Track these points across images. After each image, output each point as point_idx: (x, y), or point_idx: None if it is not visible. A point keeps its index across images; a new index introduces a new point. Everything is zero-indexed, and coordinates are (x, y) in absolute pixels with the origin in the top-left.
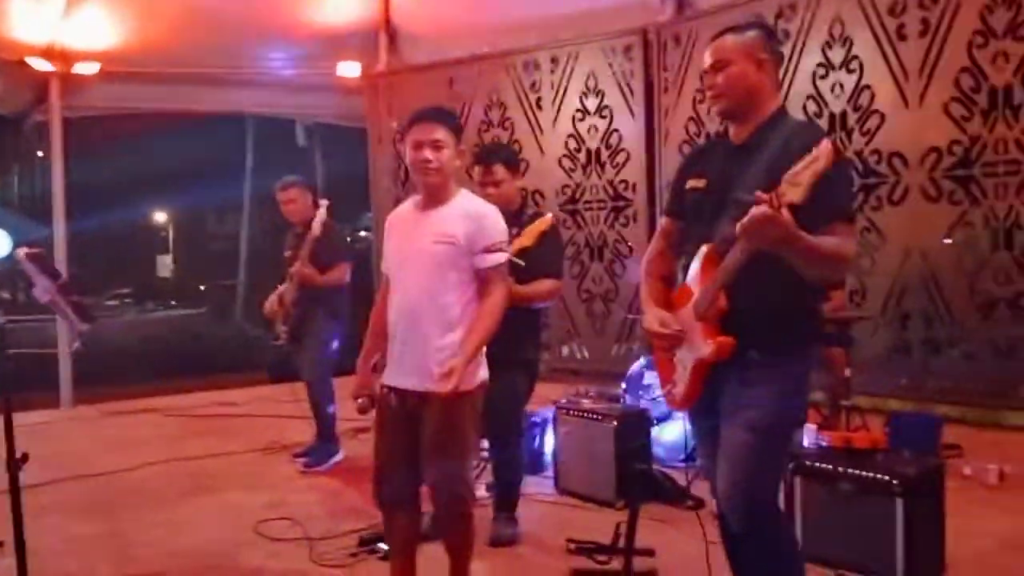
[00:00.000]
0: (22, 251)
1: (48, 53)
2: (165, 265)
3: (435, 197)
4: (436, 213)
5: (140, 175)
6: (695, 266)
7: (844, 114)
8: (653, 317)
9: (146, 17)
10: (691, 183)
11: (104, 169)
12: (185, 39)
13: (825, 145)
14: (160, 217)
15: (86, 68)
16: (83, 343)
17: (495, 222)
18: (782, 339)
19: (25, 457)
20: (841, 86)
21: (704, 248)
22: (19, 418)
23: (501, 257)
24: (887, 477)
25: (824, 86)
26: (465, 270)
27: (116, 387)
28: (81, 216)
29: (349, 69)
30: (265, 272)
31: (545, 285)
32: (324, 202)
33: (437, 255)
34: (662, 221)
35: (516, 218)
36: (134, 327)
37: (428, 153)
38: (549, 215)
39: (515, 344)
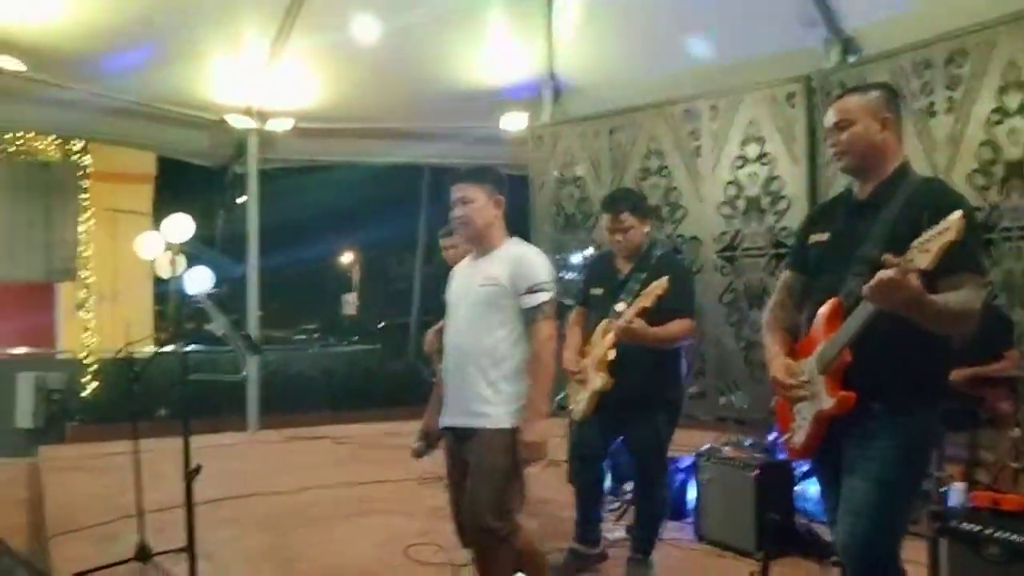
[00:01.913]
0: (203, 292)
1: (247, 112)
2: (350, 303)
3: (482, 246)
4: (485, 260)
5: (330, 219)
6: (819, 319)
7: (1021, 162)
8: (779, 366)
9: (332, 79)
10: (814, 237)
11: (298, 213)
12: (367, 98)
13: (957, 219)
14: (347, 258)
15: (280, 125)
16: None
17: (536, 263)
18: (905, 393)
19: (198, 469)
20: (1017, 132)
21: (829, 302)
22: (211, 439)
23: (542, 297)
24: None
25: (999, 132)
26: (510, 310)
27: (297, 414)
28: (275, 256)
29: (514, 121)
30: (434, 311)
31: (676, 326)
32: None
33: (483, 297)
34: (784, 274)
35: (643, 261)
36: (317, 360)
37: (457, 210)
38: (665, 279)
39: (656, 385)
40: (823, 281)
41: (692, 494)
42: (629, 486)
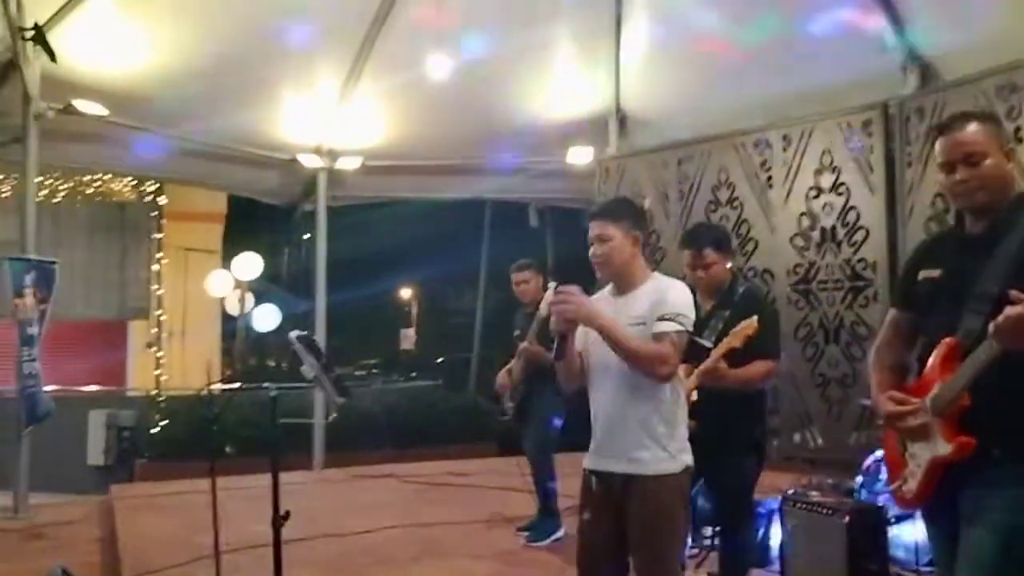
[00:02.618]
0: (294, 334)
1: (318, 151)
2: (408, 338)
3: (622, 284)
4: (629, 297)
5: (390, 254)
6: (935, 360)
7: None
8: (887, 399)
9: (399, 118)
10: (924, 274)
11: (359, 249)
12: (433, 135)
13: None
14: (405, 293)
15: (349, 163)
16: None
17: (674, 295)
18: None
19: (287, 515)
20: None
21: (945, 341)
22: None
23: (668, 326)
24: None
25: None
26: None
27: (360, 452)
28: (339, 292)
29: (581, 155)
30: (496, 347)
31: (759, 367)
32: (552, 284)
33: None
34: (891, 312)
35: (728, 297)
36: (378, 396)
37: (594, 248)
38: (755, 318)
39: (740, 427)
40: (936, 319)
41: (775, 540)
42: (708, 531)
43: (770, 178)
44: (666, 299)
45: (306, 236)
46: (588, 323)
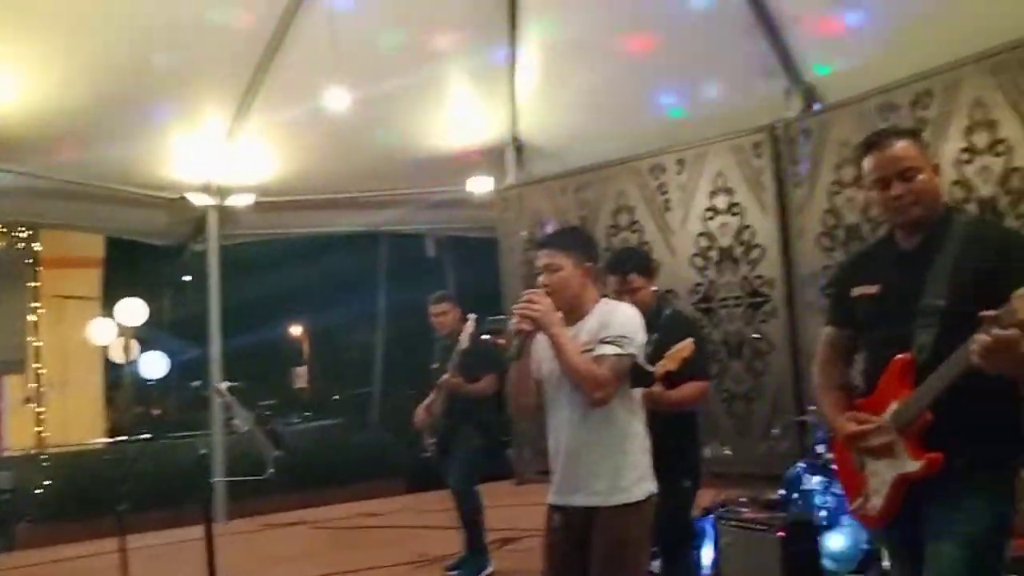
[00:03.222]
0: (224, 385)
1: (207, 188)
2: (300, 376)
3: (572, 314)
4: (578, 327)
5: (282, 292)
6: (890, 376)
7: (994, 198)
8: (846, 419)
9: (292, 152)
10: (859, 290)
11: (250, 288)
12: (328, 167)
13: None
14: (295, 331)
15: (241, 200)
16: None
17: (619, 318)
18: (989, 450)
19: None
20: (989, 170)
21: (900, 357)
22: (175, 534)
23: (610, 349)
24: None
25: (971, 171)
26: None
27: (264, 498)
28: (229, 334)
29: (480, 184)
30: (398, 380)
31: (694, 388)
32: (472, 316)
33: None
34: (827, 331)
35: (654, 320)
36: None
37: (543, 278)
38: (690, 340)
39: (676, 451)
40: (880, 335)
41: (707, 558)
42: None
43: (667, 201)
44: (610, 322)
45: (186, 278)
46: (546, 328)
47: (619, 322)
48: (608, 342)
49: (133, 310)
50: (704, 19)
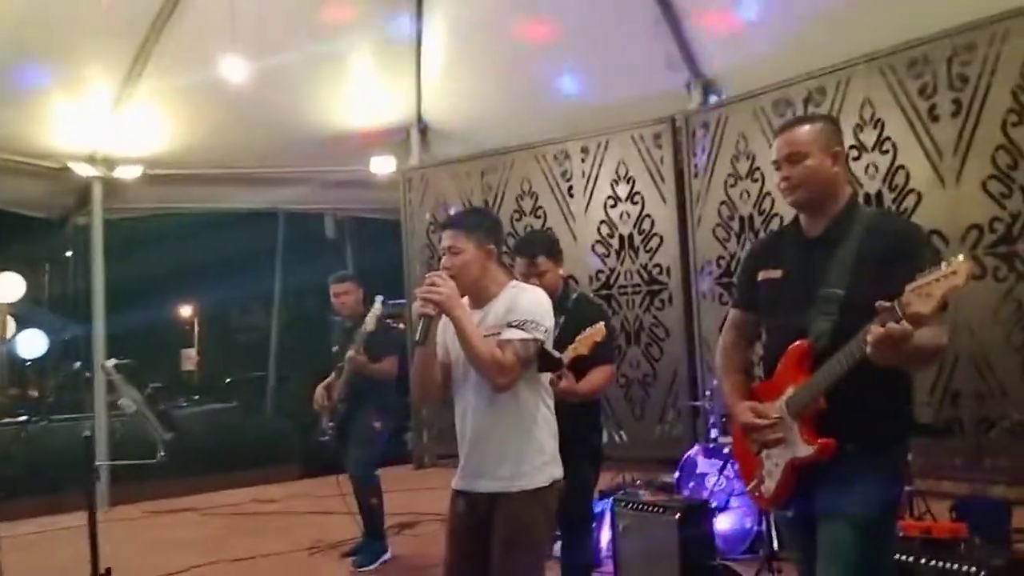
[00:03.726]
0: (111, 362)
1: (91, 159)
2: (190, 358)
3: (477, 298)
4: (484, 311)
5: (172, 270)
6: (788, 362)
7: (880, 194)
8: (744, 409)
9: (186, 121)
10: (764, 274)
11: (137, 265)
12: (224, 141)
13: (963, 265)
14: (185, 311)
15: (128, 172)
16: (166, 452)
17: (528, 301)
18: (879, 434)
19: (108, 572)
20: (876, 167)
21: (798, 343)
22: (53, 521)
23: (515, 334)
24: (975, 569)
25: (858, 168)
26: None
27: (152, 484)
28: (114, 312)
29: (383, 164)
30: (293, 364)
31: (601, 374)
32: (379, 298)
33: None
34: (733, 313)
35: (562, 304)
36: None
37: (445, 260)
38: (601, 324)
39: (578, 434)
40: (781, 320)
41: (604, 540)
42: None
43: (571, 188)
44: (517, 305)
45: (68, 253)
46: (450, 311)
47: (526, 306)
48: (514, 326)
49: (9, 285)
50: (610, 10)
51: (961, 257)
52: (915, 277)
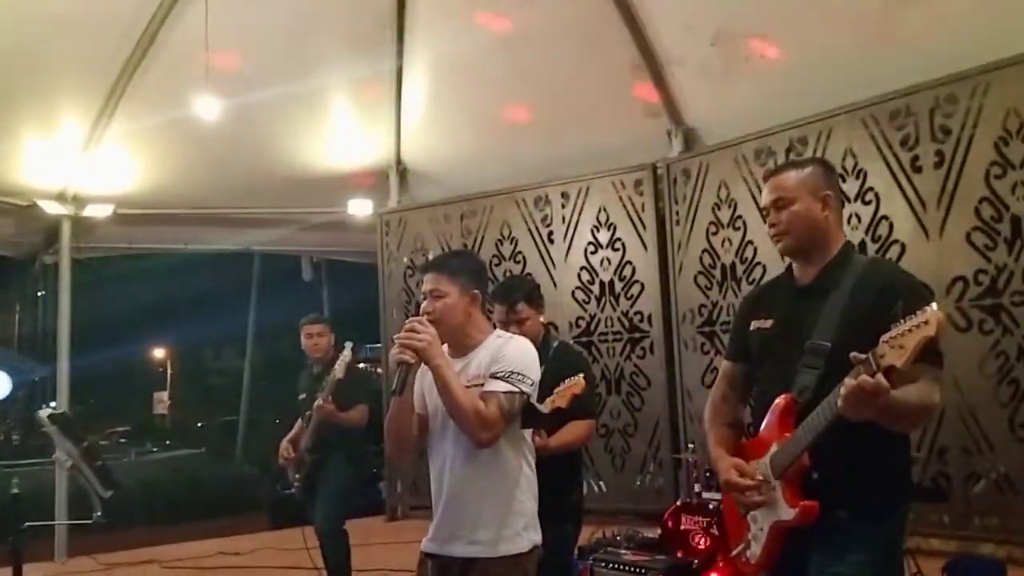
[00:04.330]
0: (45, 412)
1: (61, 197)
2: (162, 402)
3: (458, 346)
4: (466, 360)
5: (143, 311)
6: (771, 417)
7: (863, 244)
8: (729, 466)
9: (159, 160)
10: (756, 324)
11: (108, 305)
12: (198, 180)
13: (935, 314)
14: (158, 353)
15: (99, 210)
16: (104, 512)
17: (514, 352)
18: (873, 498)
19: None
20: (858, 217)
21: (781, 398)
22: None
23: (500, 386)
24: None
25: None
26: None
27: (114, 533)
28: (83, 353)
29: (360, 207)
30: (265, 408)
31: (580, 428)
32: (348, 344)
33: None
34: (725, 365)
35: (542, 353)
36: (132, 469)
37: (426, 304)
38: (581, 376)
39: (558, 492)
40: (769, 371)
41: None
42: None
43: (551, 233)
44: (502, 356)
45: (40, 293)
46: (429, 360)
47: (512, 357)
48: (499, 378)
49: None
50: (592, 57)
51: (934, 306)
52: (890, 328)
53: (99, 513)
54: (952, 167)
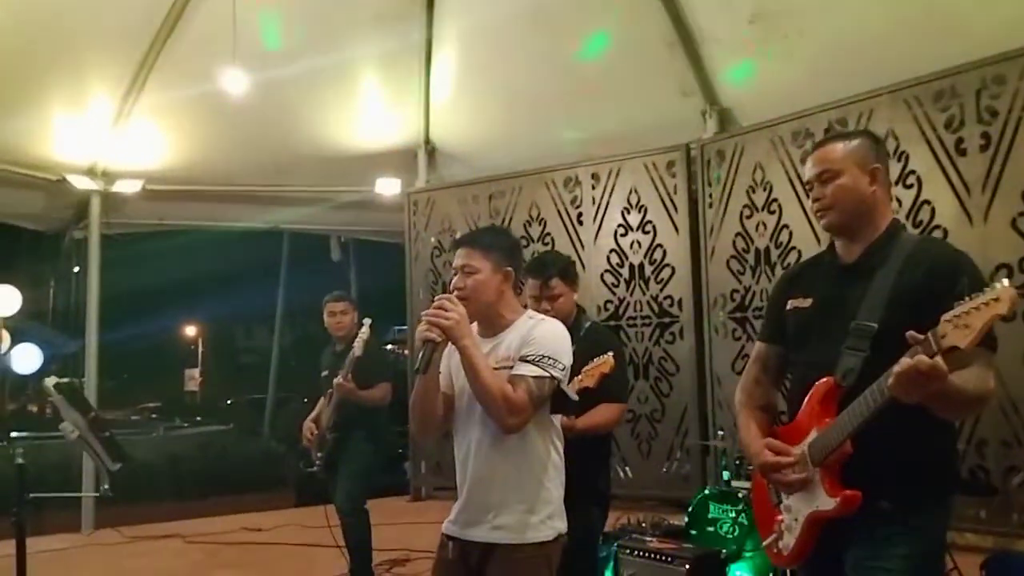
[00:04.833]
0: (51, 381)
1: (91, 172)
2: (193, 379)
3: (489, 325)
4: (497, 340)
5: (173, 288)
6: (811, 402)
7: (911, 232)
8: (762, 447)
9: (188, 136)
10: (793, 303)
11: (139, 282)
12: (227, 157)
13: (1007, 290)
14: (190, 331)
15: (128, 186)
16: (112, 486)
17: (545, 334)
18: (917, 488)
19: None
20: (899, 201)
21: (823, 381)
22: (36, 543)
23: (530, 370)
24: None
25: None
26: None
27: (140, 507)
28: (114, 328)
29: (388, 186)
30: (293, 386)
31: (609, 411)
32: (367, 321)
33: None
34: (758, 347)
35: (573, 333)
36: (160, 444)
37: (457, 280)
38: (610, 355)
39: (586, 476)
40: (808, 353)
41: None
42: None
43: (580, 215)
44: (532, 338)
45: (76, 269)
46: (457, 340)
47: (543, 340)
48: (529, 361)
49: (4, 298)
50: (625, 35)
51: (1006, 282)
52: (953, 306)
53: (107, 486)
54: (999, 150)
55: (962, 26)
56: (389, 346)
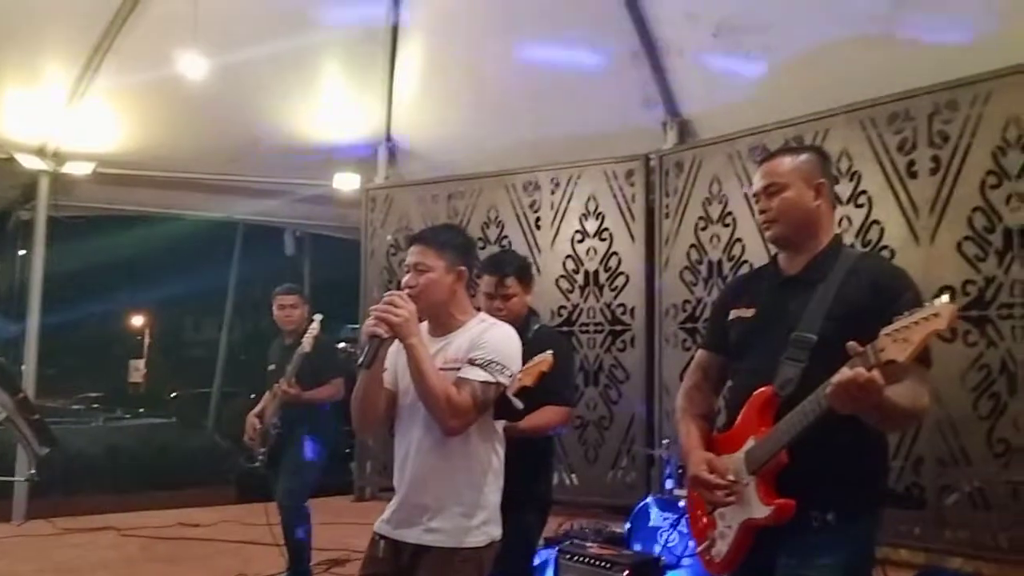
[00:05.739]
0: None
1: (41, 152)
2: (137, 370)
3: (439, 325)
4: (446, 340)
5: (122, 275)
6: (749, 410)
7: (852, 248)
8: (700, 461)
9: (144, 120)
10: (736, 313)
11: (86, 266)
12: (183, 144)
13: (947, 307)
14: (137, 321)
15: (79, 168)
16: (39, 471)
17: (495, 338)
18: (849, 500)
19: None
20: (850, 220)
21: (761, 390)
22: None
23: (476, 374)
24: None
25: None
26: None
27: (75, 498)
28: (57, 315)
29: (346, 181)
30: (241, 381)
31: (552, 413)
32: (317, 317)
33: None
34: (700, 354)
35: (522, 335)
36: (99, 434)
37: (409, 278)
38: (549, 353)
39: (526, 480)
40: (748, 363)
41: None
42: None
43: (539, 219)
44: (483, 341)
45: (22, 252)
46: (404, 337)
47: (493, 344)
48: (477, 364)
49: None
50: (591, 42)
51: (946, 298)
52: (892, 321)
53: (33, 471)
54: (948, 174)
55: (919, 50)
56: (341, 344)
